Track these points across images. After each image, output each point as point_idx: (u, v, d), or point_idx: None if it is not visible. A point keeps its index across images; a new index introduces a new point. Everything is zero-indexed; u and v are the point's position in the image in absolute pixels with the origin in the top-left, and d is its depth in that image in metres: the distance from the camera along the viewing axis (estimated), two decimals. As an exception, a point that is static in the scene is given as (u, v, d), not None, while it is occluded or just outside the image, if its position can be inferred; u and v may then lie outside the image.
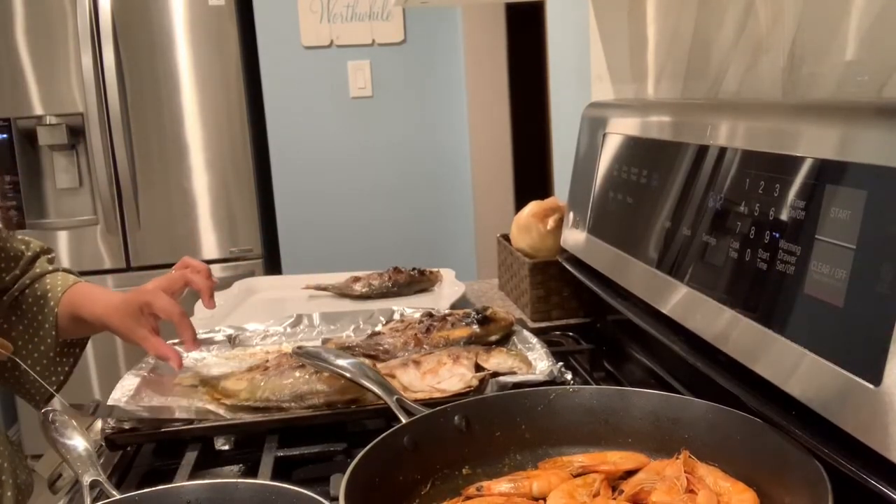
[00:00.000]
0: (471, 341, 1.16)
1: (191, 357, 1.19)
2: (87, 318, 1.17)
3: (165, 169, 3.02)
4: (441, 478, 0.79)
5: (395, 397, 0.88)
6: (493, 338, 1.18)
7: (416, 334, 1.17)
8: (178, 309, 1.09)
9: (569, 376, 1.01)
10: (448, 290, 1.60)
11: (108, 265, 3.04)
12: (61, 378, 1.21)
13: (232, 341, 1.26)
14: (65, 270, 1.25)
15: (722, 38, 1.07)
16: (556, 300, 1.47)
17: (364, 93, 3.27)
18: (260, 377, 1.02)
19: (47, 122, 2.90)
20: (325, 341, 1.23)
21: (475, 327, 1.17)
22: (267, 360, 1.08)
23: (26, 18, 2.85)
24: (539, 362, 1.06)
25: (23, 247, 1.21)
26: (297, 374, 1.00)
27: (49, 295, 1.19)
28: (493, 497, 0.73)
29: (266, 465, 0.89)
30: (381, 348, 1.16)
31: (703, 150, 0.91)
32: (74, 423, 0.87)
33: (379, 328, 1.25)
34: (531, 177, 3.48)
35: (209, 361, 1.19)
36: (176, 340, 1.21)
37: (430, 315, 1.23)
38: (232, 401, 1.00)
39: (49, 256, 1.25)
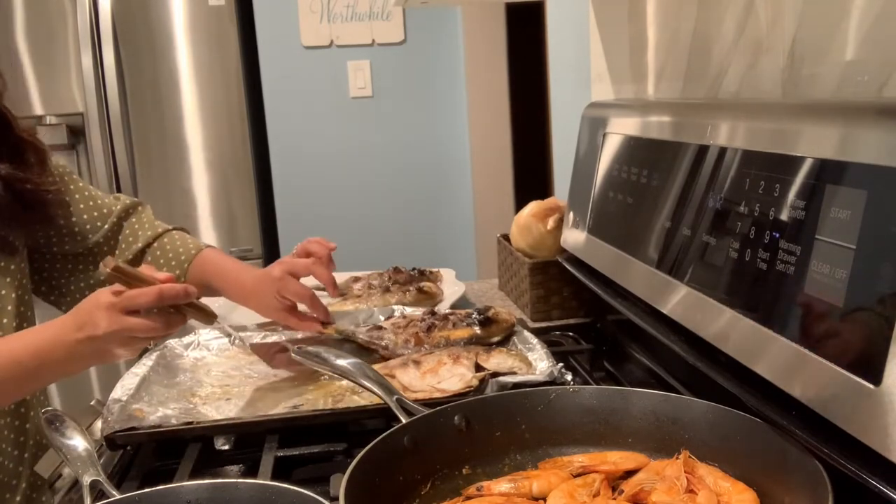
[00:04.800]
0: (471, 342, 1.16)
1: (191, 357, 1.20)
2: (218, 292, 1.29)
3: (165, 169, 3.02)
4: (441, 478, 0.79)
5: (395, 397, 0.88)
6: (495, 339, 1.18)
7: (416, 332, 1.17)
8: (309, 292, 1.22)
9: (569, 376, 1.01)
10: (448, 290, 1.60)
11: (108, 265, 3.04)
12: None
13: (232, 340, 1.26)
14: (177, 228, 1.36)
15: (722, 38, 1.07)
16: (556, 300, 1.47)
17: (364, 93, 3.27)
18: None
19: (47, 122, 2.90)
20: (325, 325, 1.24)
21: (476, 329, 1.18)
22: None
23: (26, 18, 2.85)
24: (539, 362, 1.06)
25: (116, 205, 1.29)
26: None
27: (174, 262, 1.29)
28: (493, 497, 0.73)
29: (266, 465, 0.89)
30: (381, 343, 1.17)
31: (703, 150, 0.91)
32: (74, 423, 0.87)
33: (381, 321, 1.25)
34: (531, 177, 3.48)
35: (209, 361, 1.19)
36: (176, 339, 1.22)
37: (431, 313, 1.23)
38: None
39: (149, 210, 1.36)
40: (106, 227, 1.27)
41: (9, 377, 0.95)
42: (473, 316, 1.20)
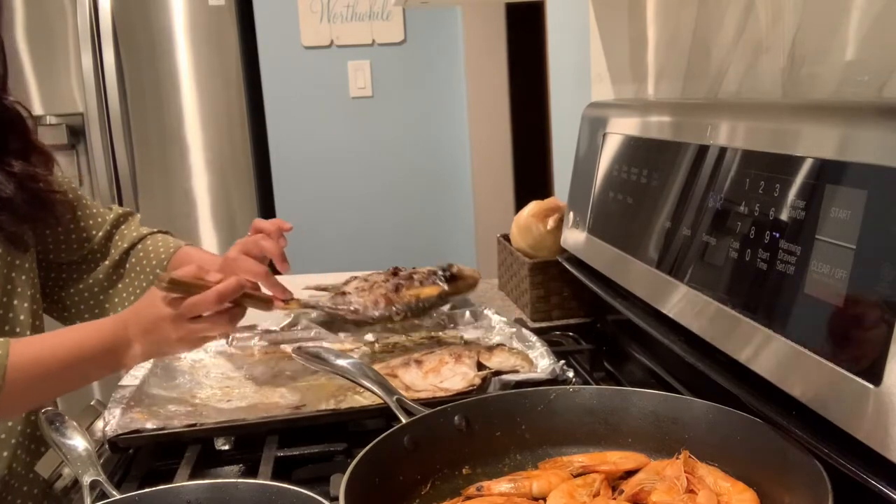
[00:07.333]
0: (441, 298, 1.18)
1: (188, 358, 1.19)
2: None
3: (165, 169, 3.02)
4: (441, 478, 0.79)
5: (395, 397, 0.88)
6: (462, 294, 1.22)
7: (385, 294, 1.16)
8: (262, 269, 1.16)
9: (570, 374, 1.01)
10: (448, 290, 1.60)
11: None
12: None
13: (230, 341, 1.26)
14: (161, 231, 1.35)
15: (722, 38, 1.07)
16: (556, 300, 1.47)
17: (364, 93, 3.27)
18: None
19: (47, 122, 2.90)
20: (286, 301, 1.19)
21: (444, 285, 1.18)
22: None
23: (26, 18, 2.85)
24: (540, 360, 1.06)
25: (109, 214, 1.30)
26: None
27: (154, 261, 1.28)
28: (493, 497, 0.73)
29: (266, 465, 0.89)
30: (349, 308, 1.16)
31: (703, 150, 0.91)
32: (74, 424, 0.87)
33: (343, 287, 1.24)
34: (531, 177, 3.48)
35: (207, 363, 1.19)
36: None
37: (394, 273, 1.22)
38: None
39: (138, 217, 1.35)
40: (100, 234, 1.28)
41: (75, 374, 0.99)
42: (439, 273, 1.19)
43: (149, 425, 0.94)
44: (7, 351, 0.93)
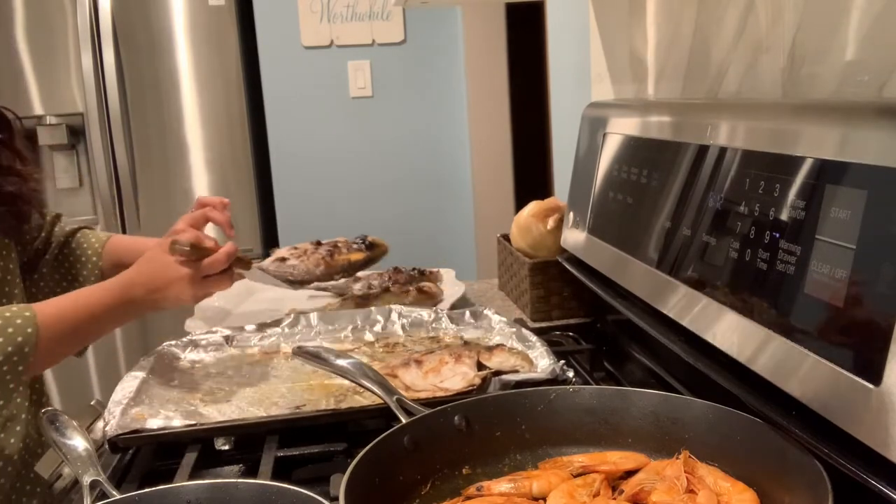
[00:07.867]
0: (366, 263, 1.46)
1: (188, 359, 1.19)
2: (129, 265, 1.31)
3: (165, 169, 3.02)
4: (441, 478, 0.79)
5: (395, 397, 0.88)
6: (379, 259, 1.50)
7: (323, 258, 1.42)
8: (212, 240, 1.21)
9: (570, 373, 1.01)
10: (448, 290, 1.60)
11: (108, 265, 3.04)
12: None
13: (229, 341, 1.26)
14: (85, 227, 1.45)
15: (722, 38, 1.07)
16: (556, 300, 1.47)
17: (364, 93, 3.27)
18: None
19: (47, 122, 2.90)
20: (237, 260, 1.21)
21: (367, 252, 1.47)
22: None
23: (26, 18, 2.85)
24: (540, 360, 1.06)
25: (46, 217, 1.39)
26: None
27: (89, 251, 1.38)
28: (493, 497, 0.73)
29: (266, 465, 0.89)
30: (292, 271, 1.37)
31: (703, 150, 0.91)
32: (74, 423, 0.87)
33: (281, 254, 1.45)
34: (531, 177, 3.48)
35: (207, 362, 1.19)
36: (173, 342, 1.22)
37: (319, 243, 1.47)
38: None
39: (63, 218, 1.44)
40: (43, 234, 1.36)
41: (92, 330, 1.12)
42: (359, 242, 1.49)
43: (149, 425, 0.94)
44: (35, 313, 1.03)
